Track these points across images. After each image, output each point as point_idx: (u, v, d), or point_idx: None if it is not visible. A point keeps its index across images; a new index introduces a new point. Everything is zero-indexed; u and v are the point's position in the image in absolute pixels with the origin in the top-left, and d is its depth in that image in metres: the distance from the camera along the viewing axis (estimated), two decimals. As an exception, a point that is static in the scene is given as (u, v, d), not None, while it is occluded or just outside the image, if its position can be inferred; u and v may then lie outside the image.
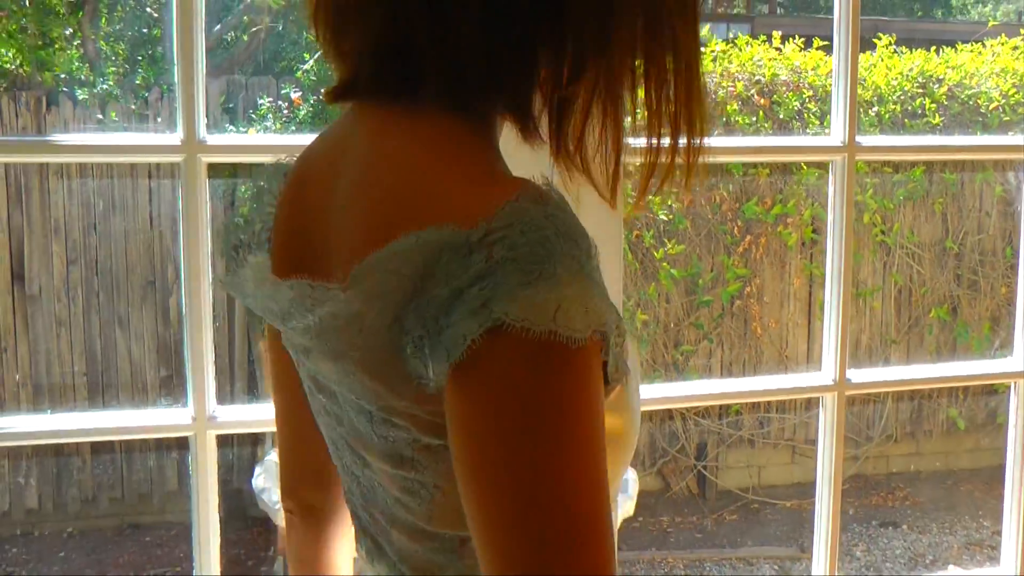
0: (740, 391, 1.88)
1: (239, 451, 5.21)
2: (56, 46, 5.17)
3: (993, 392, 5.70)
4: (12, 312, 5.03)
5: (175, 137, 1.58)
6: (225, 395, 5.05)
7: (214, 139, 1.59)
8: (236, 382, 5.33)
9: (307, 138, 1.63)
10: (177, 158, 1.58)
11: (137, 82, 5.34)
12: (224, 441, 5.17)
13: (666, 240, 5.31)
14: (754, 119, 5.22)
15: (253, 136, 1.57)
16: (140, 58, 5.66)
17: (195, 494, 1.64)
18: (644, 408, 1.68)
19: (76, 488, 5.17)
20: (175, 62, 1.55)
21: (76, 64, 5.25)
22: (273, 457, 4.61)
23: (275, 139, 1.58)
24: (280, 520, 4.43)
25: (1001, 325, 5.60)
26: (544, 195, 0.67)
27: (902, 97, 5.39)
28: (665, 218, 5.32)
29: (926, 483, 5.83)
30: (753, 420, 5.56)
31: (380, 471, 0.76)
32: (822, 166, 5.28)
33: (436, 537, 0.76)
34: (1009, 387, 2.05)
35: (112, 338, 5.16)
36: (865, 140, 1.87)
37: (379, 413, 0.72)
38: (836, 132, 1.86)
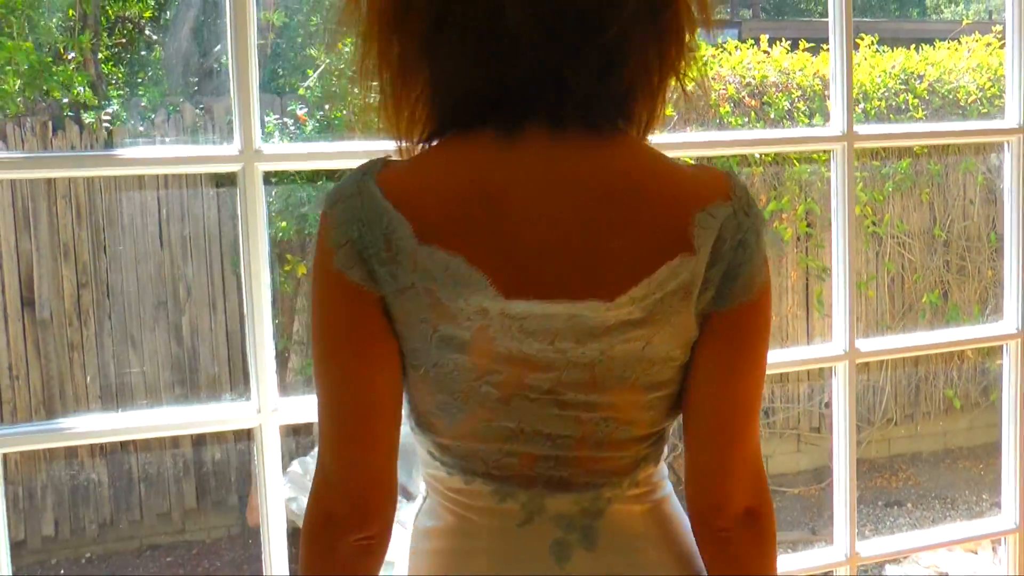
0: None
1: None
2: (59, 70, 5.27)
3: (986, 371, 5.86)
4: (23, 338, 5.06)
5: (233, 148, 1.71)
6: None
7: (269, 148, 1.72)
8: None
9: (351, 144, 1.76)
10: (236, 167, 1.71)
11: (143, 104, 5.45)
12: (237, 461, 5.23)
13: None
14: (746, 120, 5.37)
15: (305, 144, 1.69)
16: (140, 80, 5.77)
17: (263, 486, 1.76)
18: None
19: (93, 511, 5.21)
20: (231, 76, 1.67)
21: (79, 88, 5.35)
22: (297, 468, 4.69)
23: (326, 147, 1.71)
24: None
25: (990, 306, 5.77)
26: None
27: (886, 94, 5.57)
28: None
29: (926, 463, 5.99)
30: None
31: (623, 404, 0.98)
32: (814, 161, 5.44)
33: (648, 436, 1.02)
34: (1002, 364, 2.19)
35: (126, 360, 5.21)
36: (862, 129, 2.01)
37: (659, 358, 0.98)
38: (836, 122, 2.00)
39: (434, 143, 1.01)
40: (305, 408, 1.82)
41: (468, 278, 0.94)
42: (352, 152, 1.73)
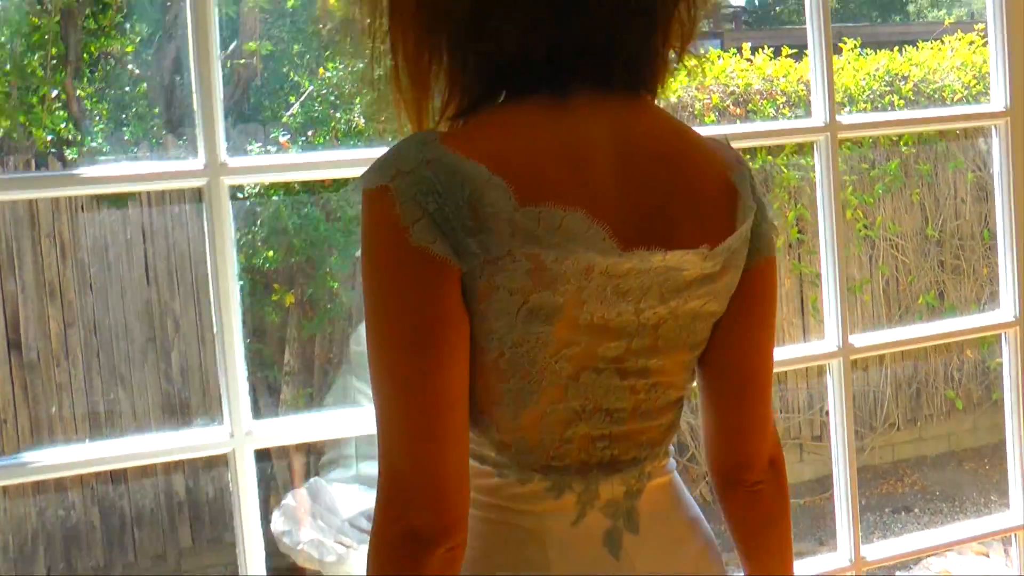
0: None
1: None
2: (41, 108, 5.24)
3: (987, 370, 5.81)
4: (11, 381, 5.00)
5: (198, 162, 1.66)
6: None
7: (236, 161, 1.66)
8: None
9: (318, 155, 1.71)
10: (201, 182, 1.65)
11: (126, 138, 5.41)
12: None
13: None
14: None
15: (273, 156, 1.65)
16: (125, 115, 5.74)
17: (237, 511, 1.69)
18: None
19: (87, 556, 5.11)
20: (193, 89, 1.63)
21: (63, 125, 5.31)
22: (290, 500, 4.60)
23: (294, 158, 1.66)
24: (308, 562, 4.44)
25: (986, 304, 5.71)
26: None
27: (871, 96, 5.54)
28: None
29: (932, 466, 5.92)
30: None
31: (671, 367, 0.99)
32: (801, 168, 5.40)
33: (680, 400, 1.03)
34: (1001, 360, 2.14)
35: (116, 399, 5.15)
36: (845, 119, 1.96)
37: (709, 315, 1.01)
38: (818, 113, 1.95)
39: (480, 113, 0.97)
40: (281, 431, 1.76)
41: (585, 233, 0.90)
42: (320, 163, 1.68)
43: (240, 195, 5.00)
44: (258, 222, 4.96)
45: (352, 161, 1.66)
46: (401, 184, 0.88)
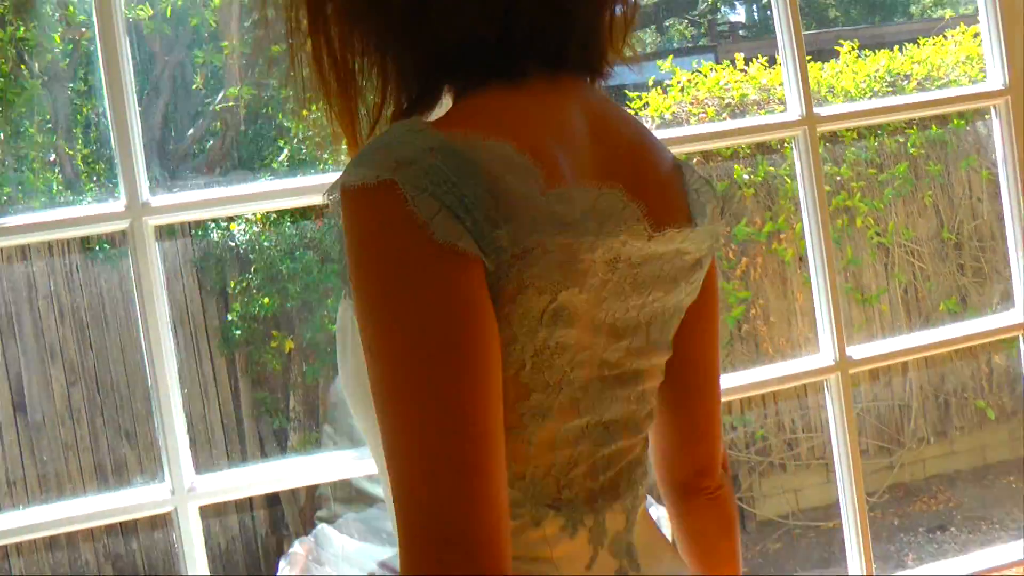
0: (735, 386, 1.81)
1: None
2: (34, 168, 5.22)
3: (1018, 378, 5.57)
4: (17, 443, 4.97)
5: (119, 204, 1.55)
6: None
7: (159, 200, 1.55)
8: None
9: (245, 187, 1.59)
10: (123, 224, 1.54)
11: (116, 196, 5.39)
12: (243, 539, 5.06)
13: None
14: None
15: (198, 192, 1.54)
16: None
17: (184, 573, 1.57)
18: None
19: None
20: (110, 125, 1.52)
21: (57, 187, 5.28)
22: (298, 548, 4.48)
23: (220, 192, 1.55)
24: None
25: (1012, 306, 5.49)
26: None
27: (873, 98, 5.39)
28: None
29: (967, 481, 5.66)
30: (780, 443, 5.43)
31: (655, 370, 0.92)
32: (806, 178, 5.25)
33: (653, 410, 0.94)
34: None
35: (122, 455, 5.09)
36: (823, 110, 1.83)
37: (684, 309, 0.94)
38: (793, 106, 1.82)
39: (426, 108, 0.87)
40: (229, 485, 1.63)
41: (621, 213, 0.82)
42: (246, 195, 1.56)
43: (232, 243, 4.93)
44: (252, 269, 4.87)
45: (282, 192, 1.54)
46: (407, 176, 0.73)
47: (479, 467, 0.72)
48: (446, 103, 0.88)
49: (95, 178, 5.74)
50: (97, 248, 4.96)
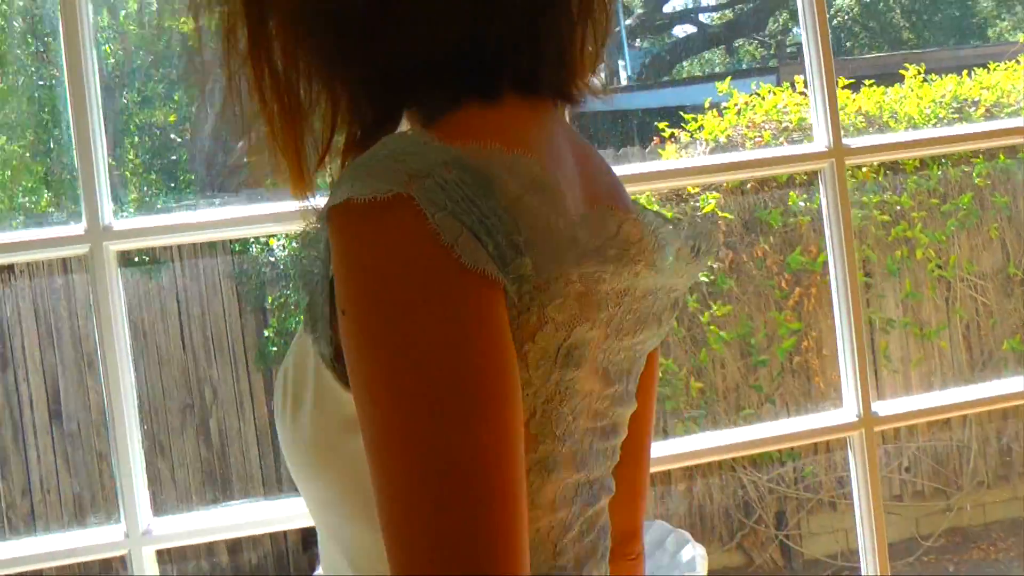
0: (749, 440, 1.66)
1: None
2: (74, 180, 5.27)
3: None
4: (52, 451, 4.98)
5: (79, 227, 1.46)
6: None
7: (121, 224, 1.46)
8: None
9: (211, 212, 1.50)
10: (82, 248, 1.46)
11: (159, 206, 5.40)
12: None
13: (711, 302, 5.08)
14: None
15: (161, 217, 1.45)
16: (173, 185, 5.75)
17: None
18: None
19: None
20: (73, 144, 1.44)
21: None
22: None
23: (183, 217, 1.45)
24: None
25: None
26: None
27: (937, 125, 5.15)
28: (707, 279, 5.09)
29: (1029, 530, 5.37)
30: (831, 480, 5.20)
31: (625, 425, 0.82)
32: (865, 206, 5.03)
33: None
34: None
35: (155, 467, 5.08)
36: (853, 141, 1.67)
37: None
38: (820, 137, 1.66)
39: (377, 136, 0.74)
40: (187, 529, 1.53)
41: (639, 242, 0.74)
42: (214, 222, 1.46)
43: (271, 258, 4.89)
44: (290, 284, 4.83)
45: (248, 219, 1.44)
46: (424, 191, 0.63)
47: (518, 528, 0.61)
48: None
49: (144, 188, 5.77)
50: (136, 260, 4.96)
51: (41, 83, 5.70)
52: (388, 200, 0.62)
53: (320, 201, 0.74)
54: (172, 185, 5.96)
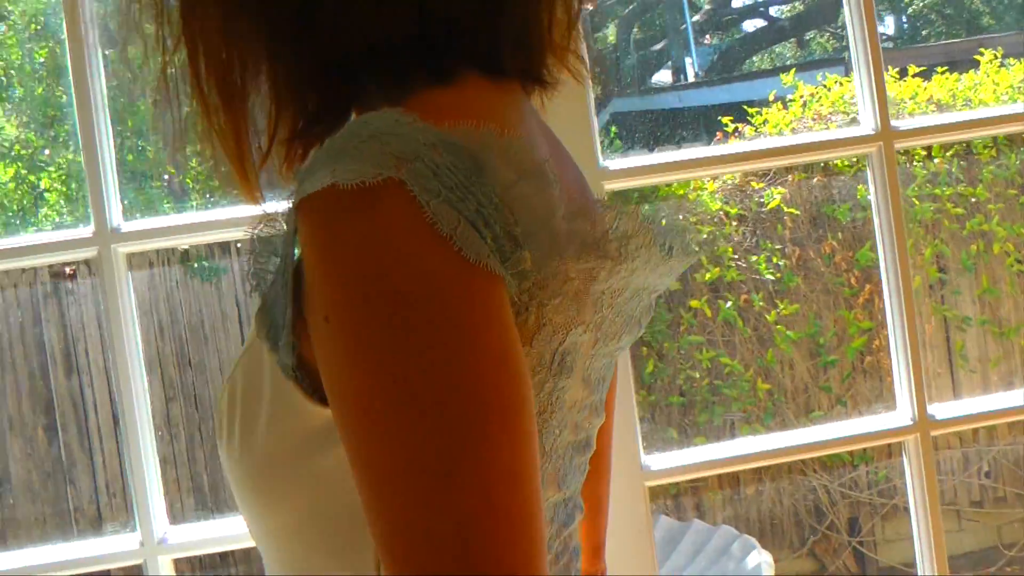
0: (792, 447, 1.55)
1: None
2: (152, 185, 5.34)
3: None
4: (117, 455, 5.05)
5: (88, 230, 1.43)
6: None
7: (130, 225, 1.43)
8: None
9: (220, 213, 1.45)
10: (91, 252, 1.42)
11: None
12: None
13: (778, 301, 4.93)
14: (854, 160, 4.84)
15: (171, 217, 1.41)
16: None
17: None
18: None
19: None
20: (80, 145, 1.41)
21: (167, 202, 5.38)
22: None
23: (193, 217, 1.41)
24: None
25: None
26: None
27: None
28: (773, 277, 4.95)
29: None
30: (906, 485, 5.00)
31: (595, 438, 0.75)
32: (938, 199, 4.82)
33: None
34: None
35: (217, 470, 5.11)
36: (903, 123, 1.55)
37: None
38: (866, 119, 1.55)
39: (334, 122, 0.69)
40: (205, 537, 1.49)
41: (636, 235, 0.67)
42: (223, 221, 1.42)
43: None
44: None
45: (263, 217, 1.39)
46: (415, 175, 0.56)
47: (541, 545, 0.54)
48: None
49: (207, 194, 5.83)
50: (196, 264, 5.01)
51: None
52: (377, 185, 0.55)
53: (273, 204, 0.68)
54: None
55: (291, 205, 0.59)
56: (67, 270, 4.69)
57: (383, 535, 0.53)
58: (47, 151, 5.62)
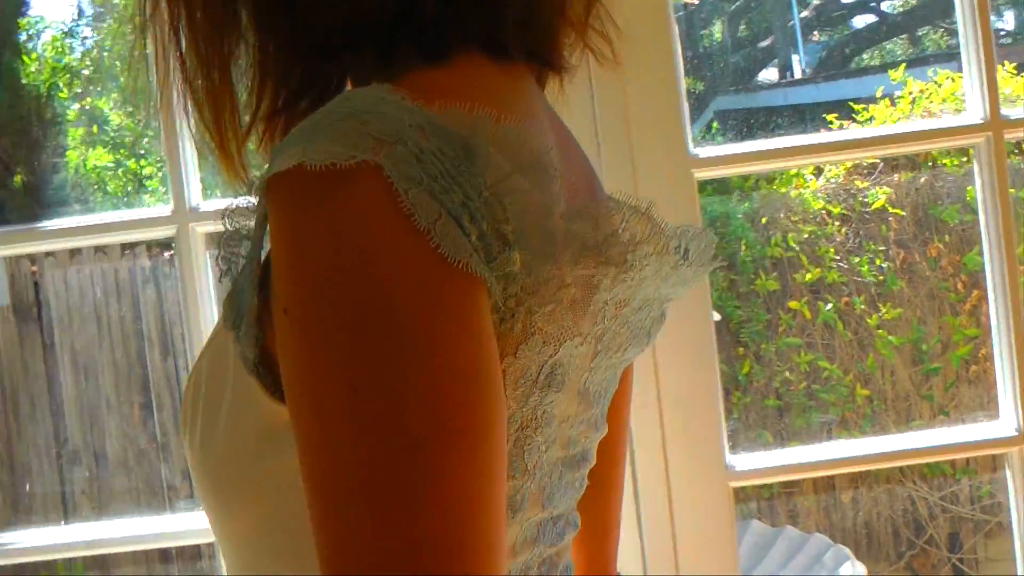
0: (887, 453, 1.47)
1: None
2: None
3: None
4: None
5: (166, 208, 1.44)
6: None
7: (209, 205, 1.43)
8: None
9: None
10: (170, 230, 1.43)
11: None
12: None
13: (880, 305, 4.77)
14: (963, 159, 4.64)
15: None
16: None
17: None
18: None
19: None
20: (161, 124, 1.41)
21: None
22: None
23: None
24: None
25: None
26: None
27: None
28: (875, 280, 4.78)
29: None
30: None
31: (594, 453, 0.72)
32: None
33: None
34: None
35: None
36: (1013, 112, 1.46)
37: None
38: (974, 108, 1.46)
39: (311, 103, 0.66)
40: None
41: (647, 239, 0.62)
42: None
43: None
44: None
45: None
46: (395, 160, 0.51)
47: (500, 559, 0.50)
48: None
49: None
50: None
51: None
52: (350, 169, 0.50)
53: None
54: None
55: (260, 184, 0.55)
56: (166, 254, 4.81)
57: (322, 550, 0.49)
58: (146, 139, 5.79)
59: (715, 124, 7.44)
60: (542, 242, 0.55)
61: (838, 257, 4.84)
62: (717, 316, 4.98)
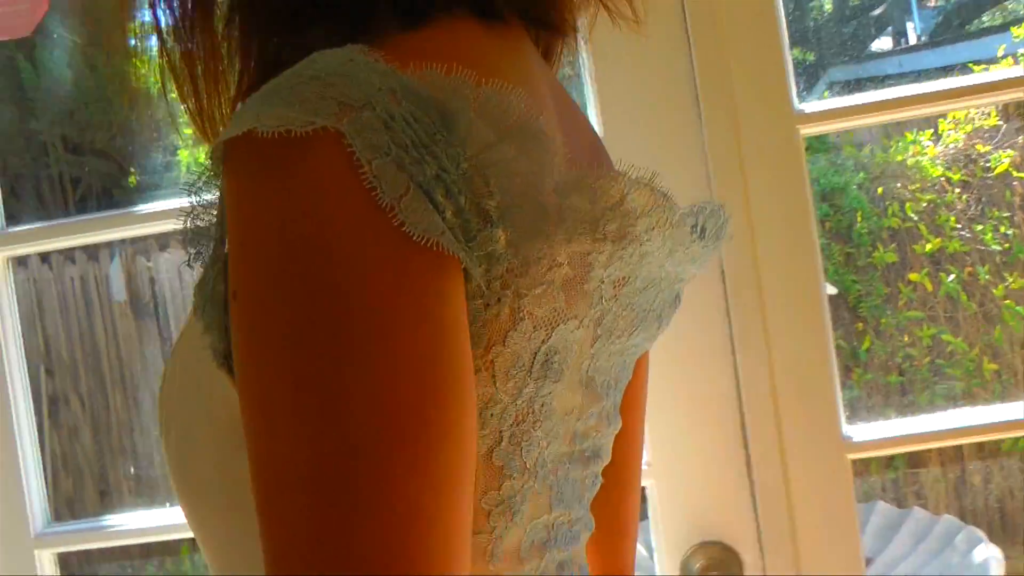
0: (1012, 421, 1.37)
1: None
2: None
3: None
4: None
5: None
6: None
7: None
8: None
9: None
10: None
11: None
12: None
13: (1006, 274, 4.57)
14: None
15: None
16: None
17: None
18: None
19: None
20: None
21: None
22: None
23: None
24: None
25: None
26: None
27: None
28: (1000, 248, 4.58)
29: None
30: None
31: (609, 449, 0.67)
32: None
33: None
34: None
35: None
36: None
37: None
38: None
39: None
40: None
41: (648, 213, 0.56)
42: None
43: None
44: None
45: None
46: (359, 127, 0.46)
47: (463, 549, 0.46)
48: None
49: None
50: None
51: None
52: (307, 136, 0.45)
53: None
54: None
55: (214, 151, 0.50)
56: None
57: (263, 551, 0.45)
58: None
59: (827, 95, 7.28)
60: (531, 218, 0.50)
61: (960, 226, 4.67)
62: (833, 289, 4.82)
